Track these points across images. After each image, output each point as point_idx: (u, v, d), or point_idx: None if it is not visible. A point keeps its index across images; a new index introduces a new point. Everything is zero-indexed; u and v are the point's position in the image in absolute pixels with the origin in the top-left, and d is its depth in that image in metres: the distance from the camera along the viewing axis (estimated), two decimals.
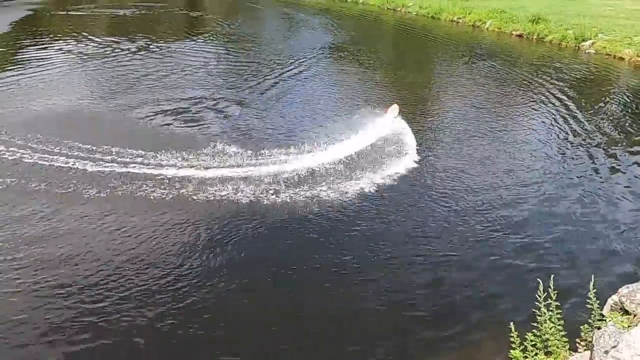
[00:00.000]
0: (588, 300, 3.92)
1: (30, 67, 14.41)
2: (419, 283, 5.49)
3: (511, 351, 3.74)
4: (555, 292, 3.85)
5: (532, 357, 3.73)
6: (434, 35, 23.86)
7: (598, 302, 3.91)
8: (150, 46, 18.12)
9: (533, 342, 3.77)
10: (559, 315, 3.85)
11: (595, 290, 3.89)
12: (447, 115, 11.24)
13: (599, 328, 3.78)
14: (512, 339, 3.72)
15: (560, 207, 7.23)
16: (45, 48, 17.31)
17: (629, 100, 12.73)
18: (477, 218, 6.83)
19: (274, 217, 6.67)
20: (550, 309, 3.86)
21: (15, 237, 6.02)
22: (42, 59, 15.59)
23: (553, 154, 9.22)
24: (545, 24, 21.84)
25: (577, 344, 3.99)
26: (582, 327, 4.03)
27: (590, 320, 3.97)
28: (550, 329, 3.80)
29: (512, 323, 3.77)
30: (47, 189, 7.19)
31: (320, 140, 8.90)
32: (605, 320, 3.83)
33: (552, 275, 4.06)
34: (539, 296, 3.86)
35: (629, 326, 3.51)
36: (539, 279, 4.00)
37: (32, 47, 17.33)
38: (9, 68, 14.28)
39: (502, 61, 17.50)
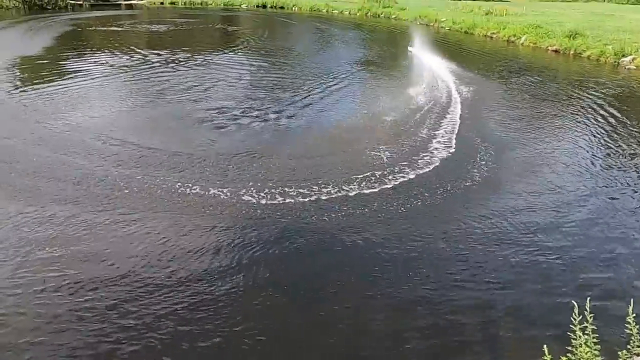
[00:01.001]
0: (627, 325, 3.76)
1: (73, 78, 15.03)
2: (444, 300, 5.37)
3: None
4: (592, 314, 3.71)
5: None
6: (468, 49, 23.72)
7: (638, 326, 3.74)
8: (191, 58, 18.73)
9: None
10: (595, 339, 3.71)
11: (634, 315, 3.73)
12: (484, 128, 11.10)
13: (638, 355, 3.62)
14: None
15: (600, 226, 6.99)
16: (87, 60, 18.05)
17: None
18: (511, 234, 6.67)
19: None
20: (586, 332, 3.72)
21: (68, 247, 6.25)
22: (83, 70, 16.25)
23: (595, 171, 8.94)
24: (583, 39, 21.39)
25: None
26: (620, 352, 3.86)
27: (629, 346, 3.81)
28: (586, 353, 3.65)
29: (545, 346, 3.64)
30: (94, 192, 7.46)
31: None
32: None
33: (588, 297, 3.92)
34: (574, 318, 3.73)
35: None
36: (574, 301, 3.87)
37: (74, 60, 18.10)
38: (53, 79, 14.93)
39: (538, 76, 17.19)
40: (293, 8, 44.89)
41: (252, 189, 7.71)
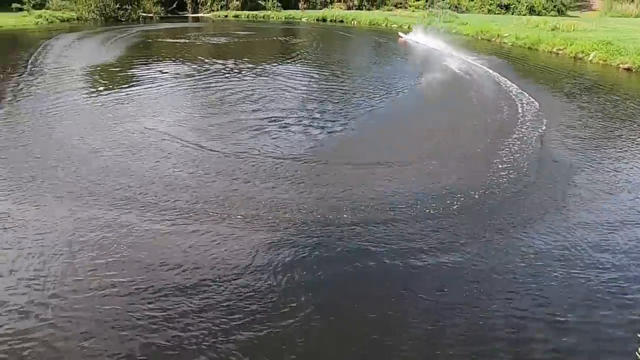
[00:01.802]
0: None
1: (143, 85, 15.93)
2: (496, 329, 5.20)
3: None
4: None
5: None
6: (534, 65, 22.96)
7: None
8: (253, 69, 19.44)
9: None
10: None
11: None
12: (558, 148, 10.75)
13: None
14: None
15: None
16: (156, 69, 19.07)
17: None
18: (575, 261, 6.37)
19: None
20: None
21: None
22: (152, 78, 17.18)
23: None
24: None
25: None
26: None
27: None
28: None
29: None
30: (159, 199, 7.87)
31: None
32: None
33: None
34: (639, 353, 3.51)
35: None
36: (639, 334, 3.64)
37: (145, 68, 19.17)
38: (124, 86, 15.89)
39: (610, 94, 16.33)
40: (352, 22, 45.27)
41: (307, 198, 7.87)
